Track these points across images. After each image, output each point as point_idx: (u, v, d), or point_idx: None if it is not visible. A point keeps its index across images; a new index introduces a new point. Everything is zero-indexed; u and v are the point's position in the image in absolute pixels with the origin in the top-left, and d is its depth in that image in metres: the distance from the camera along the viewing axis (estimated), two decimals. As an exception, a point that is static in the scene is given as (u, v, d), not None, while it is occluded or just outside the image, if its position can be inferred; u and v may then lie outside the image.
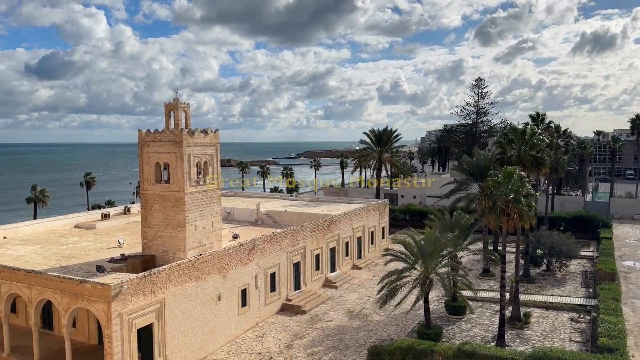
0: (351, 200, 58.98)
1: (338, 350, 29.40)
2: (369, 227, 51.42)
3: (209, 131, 31.71)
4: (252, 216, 47.79)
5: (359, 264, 48.04)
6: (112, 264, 29.28)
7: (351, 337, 31.42)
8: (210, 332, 29.26)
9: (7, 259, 31.08)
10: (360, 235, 49.43)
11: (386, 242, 54.58)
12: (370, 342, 30.03)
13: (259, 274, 33.86)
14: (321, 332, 32.20)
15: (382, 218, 54.97)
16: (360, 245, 49.65)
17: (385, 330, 32.46)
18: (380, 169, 73.36)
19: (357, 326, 33.23)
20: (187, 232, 29.92)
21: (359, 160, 78.10)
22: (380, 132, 73.68)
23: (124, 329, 23.69)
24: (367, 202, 55.50)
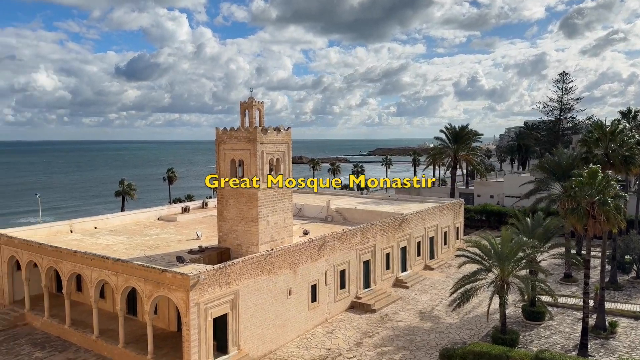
0: (424, 199, 58.06)
1: (408, 351, 29.18)
2: (443, 227, 50.40)
3: (282, 129, 32.50)
4: (322, 213, 48.41)
5: (431, 265, 47.25)
6: (190, 255, 30.84)
7: (422, 338, 31.06)
8: (281, 325, 30.06)
9: (97, 247, 33.65)
10: (432, 235, 48.59)
11: (460, 243, 53.22)
12: (442, 345, 29.55)
13: (328, 271, 34.28)
14: (391, 332, 32.09)
15: (457, 218, 53.66)
16: (432, 245, 48.81)
17: (457, 333, 31.77)
18: (455, 167, 71.51)
19: (429, 328, 32.78)
20: (260, 227, 30.87)
21: (433, 158, 76.56)
22: (456, 129, 71.85)
23: (201, 317, 24.92)
24: (440, 201, 54.40)
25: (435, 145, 75.52)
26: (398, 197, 60.97)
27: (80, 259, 29.95)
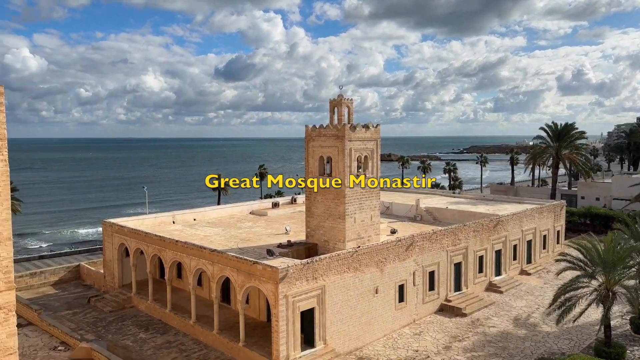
0: (521, 199, 55.12)
1: (500, 358, 27.97)
2: (542, 230, 47.56)
3: (370, 126, 32.42)
4: (411, 212, 47.65)
5: (528, 269, 44.79)
6: (280, 249, 31.78)
7: (516, 346, 29.60)
8: (367, 323, 30.07)
9: (196, 238, 35.74)
10: (530, 239, 46.02)
11: (561, 248, 49.92)
12: (538, 354, 27.99)
13: (417, 271, 33.71)
14: (482, 337, 30.91)
15: (558, 221, 50.36)
16: (530, 249, 46.23)
17: (555, 343, 29.89)
18: (557, 166, 67.24)
19: (523, 335, 31.15)
20: (347, 224, 31.05)
21: (533, 157, 72.49)
22: (559, 127, 67.47)
23: (289, 309, 25.63)
24: (540, 202, 51.36)
25: (536, 144, 71.46)
26: (493, 198, 58.40)
27: (181, 248, 32.01)
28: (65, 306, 37.47)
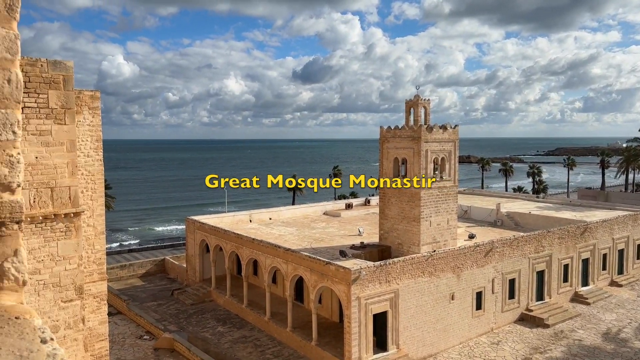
0: (613, 205, 51.27)
1: (586, 375, 26.20)
2: (636, 239, 43.97)
3: (448, 127, 31.55)
4: (491, 216, 45.79)
5: (619, 281, 41.57)
6: (352, 250, 31.75)
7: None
8: (442, 330, 29.30)
9: (271, 237, 36.58)
10: (622, 248, 42.69)
11: (658, 259, 45.88)
12: (629, 373, 25.91)
13: (496, 278, 32.36)
14: (566, 350, 29.12)
15: (654, 229, 46.32)
16: (621, 259, 42.89)
17: (650, 363, 27.53)
18: (654, 170, 61.85)
19: (613, 351, 28.98)
20: (422, 227, 30.42)
21: (627, 160, 67.33)
22: (656, 127, 62.00)
23: (361, 311, 25.53)
24: (634, 209, 47.52)
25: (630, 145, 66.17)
26: (581, 203, 54.78)
27: (257, 246, 32.89)
28: (150, 297, 39.74)
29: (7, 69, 1.74)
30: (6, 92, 1.73)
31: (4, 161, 1.74)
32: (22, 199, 1.81)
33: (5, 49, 1.73)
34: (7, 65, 1.74)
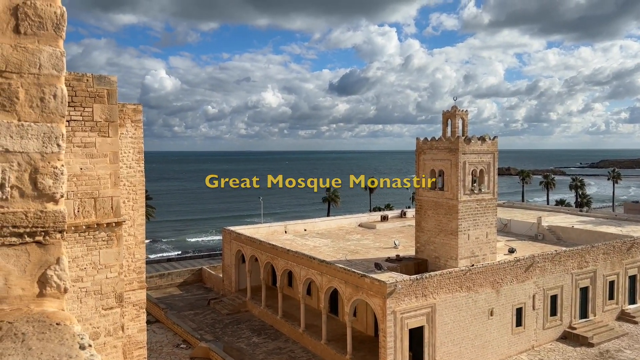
0: (662, 220, 49.00)
1: (634, 398, 24.94)
2: (687, 255, 41.83)
3: (487, 138, 31.00)
4: (531, 230, 44.50)
5: (670, 299, 39.57)
6: (388, 263, 31.42)
7: (653, 385, 26.24)
8: (480, 347, 28.56)
9: (306, 248, 36.61)
10: (673, 265, 40.68)
11: None
12: (681, 398, 24.52)
13: (537, 294, 31.36)
14: (612, 372, 27.85)
15: None
16: (672, 276, 40.85)
17: None
18: None
19: (663, 374, 27.53)
20: (460, 241, 29.86)
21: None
22: None
23: (397, 326, 25.17)
24: (685, 224, 45.28)
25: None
26: (627, 217, 52.61)
27: (292, 257, 32.99)
28: (188, 306, 40.34)
29: (53, 84, 1.82)
30: (52, 106, 1.82)
31: (49, 173, 1.82)
32: (65, 209, 1.88)
33: (52, 65, 1.82)
34: (54, 82, 1.82)
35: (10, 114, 1.74)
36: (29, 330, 1.60)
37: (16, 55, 1.74)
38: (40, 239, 1.81)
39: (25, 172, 1.77)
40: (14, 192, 1.76)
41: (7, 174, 1.73)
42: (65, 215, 1.84)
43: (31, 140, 1.77)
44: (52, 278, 1.83)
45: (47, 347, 1.52)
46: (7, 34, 1.72)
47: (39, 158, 1.79)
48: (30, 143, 1.77)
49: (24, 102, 1.76)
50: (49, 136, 1.81)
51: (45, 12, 1.77)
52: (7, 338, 1.54)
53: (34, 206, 1.79)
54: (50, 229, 1.82)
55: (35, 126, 1.79)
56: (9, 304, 1.76)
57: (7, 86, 1.73)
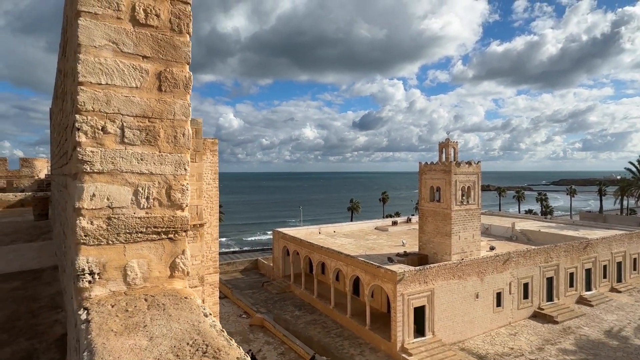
0: (610, 226, 46.64)
1: (593, 365, 23.50)
2: (632, 253, 39.54)
3: (472, 162, 30.33)
4: (507, 232, 43.03)
5: (619, 288, 37.37)
6: (397, 257, 30.83)
7: (607, 354, 24.67)
8: (469, 322, 27.56)
9: (335, 245, 36.32)
10: (620, 260, 38.49)
11: (654, 271, 40.89)
12: (632, 366, 22.96)
13: (512, 282, 30.15)
14: (574, 343, 26.36)
15: (649, 246, 41.46)
16: (620, 269, 38.63)
17: (651, 359, 24.27)
18: (647, 197, 55.80)
19: (615, 346, 25.87)
20: (452, 241, 29.10)
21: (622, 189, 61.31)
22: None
23: (405, 305, 24.58)
24: (630, 229, 42.94)
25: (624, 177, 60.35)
26: (583, 223, 50.28)
27: (325, 252, 32.75)
28: (247, 287, 40.45)
29: (182, 126, 1.91)
30: (181, 142, 1.90)
31: (179, 189, 1.89)
32: (188, 215, 1.94)
33: (182, 113, 1.90)
34: (183, 124, 1.91)
35: (154, 147, 1.82)
36: (167, 302, 1.65)
37: (159, 106, 1.83)
38: (171, 236, 1.87)
39: (162, 188, 1.84)
40: (155, 202, 1.83)
41: (151, 190, 1.81)
42: (189, 219, 1.91)
43: (167, 165, 1.85)
44: (179, 265, 1.88)
45: (182, 314, 1.56)
46: (154, 91, 1.81)
47: (172, 178, 1.86)
48: (167, 168, 1.84)
49: (162, 139, 1.84)
50: (179, 163, 1.88)
51: (178, 76, 1.86)
52: (153, 307, 1.59)
53: (168, 213, 1.86)
54: (179, 229, 1.88)
55: (170, 156, 1.86)
56: (150, 282, 1.82)
57: (152, 128, 1.81)
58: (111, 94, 1.70)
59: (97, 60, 1.67)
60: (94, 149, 1.69)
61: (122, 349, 1.20)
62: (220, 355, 1.18)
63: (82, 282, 1.67)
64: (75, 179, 1.93)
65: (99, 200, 1.70)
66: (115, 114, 1.73)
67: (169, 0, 1.80)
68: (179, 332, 1.36)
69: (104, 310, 1.53)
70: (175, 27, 1.81)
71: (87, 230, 1.68)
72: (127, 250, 1.76)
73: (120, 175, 1.75)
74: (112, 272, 1.73)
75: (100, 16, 1.67)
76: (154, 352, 1.20)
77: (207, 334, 1.39)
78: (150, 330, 1.36)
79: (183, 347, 1.24)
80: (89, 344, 1.25)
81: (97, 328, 1.35)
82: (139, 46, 1.75)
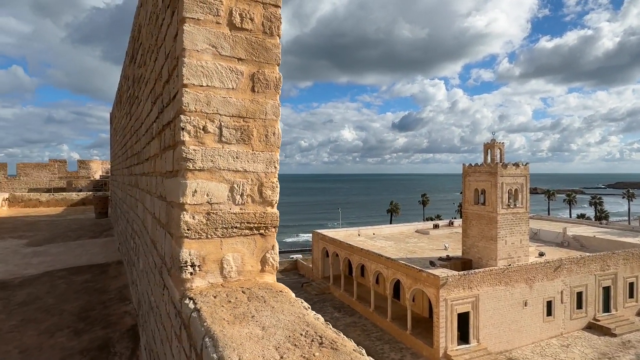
0: (677, 233, 42.81)
1: (658, 384, 21.66)
2: (703, 263, 36.09)
3: (520, 164, 29.01)
4: (558, 238, 40.67)
5: (688, 301, 34.20)
6: (440, 261, 30.05)
7: (676, 374, 22.67)
8: (516, 330, 26.32)
9: (375, 247, 35.93)
10: (689, 271, 35.24)
11: None
12: None
13: (564, 290, 28.47)
14: (635, 359, 24.42)
15: None
16: (689, 281, 35.35)
17: None
18: None
19: (685, 365, 23.72)
20: (499, 245, 27.95)
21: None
22: None
23: (448, 310, 23.90)
24: (699, 237, 39.24)
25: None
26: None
27: (365, 254, 32.52)
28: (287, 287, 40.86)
29: (273, 126, 1.97)
30: (272, 141, 1.96)
31: (269, 186, 1.96)
32: (277, 212, 2.00)
33: (273, 112, 1.97)
34: (273, 124, 1.97)
35: (247, 145, 1.90)
36: (265, 295, 1.70)
37: (252, 106, 1.90)
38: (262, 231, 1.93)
39: (255, 185, 1.91)
40: (248, 199, 1.91)
41: (245, 187, 1.88)
42: (278, 215, 1.97)
43: (259, 163, 1.91)
44: (269, 259, 1.94)
45: (284, 306, 1.61)
46: (247, 92, 1.89)
47: (263, 176, 1.92)
48: (259, 166, 1.91)
49: (255, 138, 1.92)
50: (269, 161, 1.95)
51: (269, 77, 1.92)
52: (253, 299, 1.65)
53: (260, 209, 1.92)
54: (269, 225, 1.94)
55: (262, 154, 1.93)
56: (243, 276, 1.89)
57: (246, 127, 1.89)
58: (211, 95, 1.79)
59: (199, 63, 1.76)
60: (196, 147, 1.78)
61: (241, 337, 1.26)
62: (338, 346, 1.21)
63: (184, 274, 1.76)
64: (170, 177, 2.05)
65: (200, 196, 1.79)
66: (214, 114, 1.82)
67: (262, 4, 1.87)
68: (288, 323, 1.40)
69: (209, 300, 1.61)
70: (267, 30, 1.88)
71: (190, 224, 1.78)
72: (224, 244, 1.84)
73: (218, 172, 1.84)
74: (211, 264, 1.81)
75: (202, 22, 1.77)
76: (271, 340, 1.24)
77: (316, 326, 1.42)
78: (260, 321, 1.41)
79: (298, 337, 1.28)
80: (208, 331, 1.32)
81: (209, 317, 1.43)
82: (235, 49, 1.83)
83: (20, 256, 8.35)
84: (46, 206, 18.33)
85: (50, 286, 6.34)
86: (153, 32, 2.89)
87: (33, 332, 4.60)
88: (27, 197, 18.34)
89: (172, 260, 1.94)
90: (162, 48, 2.33)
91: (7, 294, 6.00)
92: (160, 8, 2.45)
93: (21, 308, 5.39)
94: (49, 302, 5.62)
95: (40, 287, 6.28)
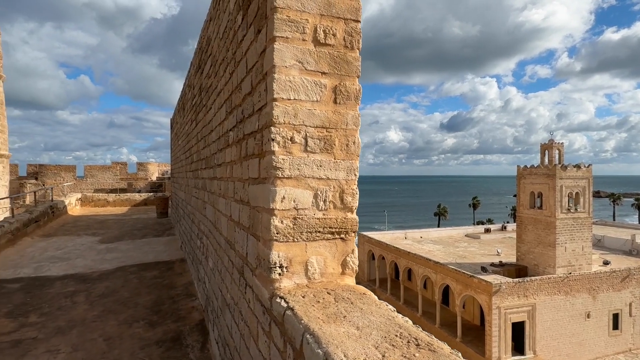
0: None
1: None
2: None
3: (582, 166, 27.12)
4: (625, 245, 37.41)
5: None
6: (492, 267, 28.78)
7: None
8: (578, 344, 24.59)
9: (422, 251, 35.13)
10: None
11: None
12: None
13: (633, 303, 26.18)
14: None
15: None
16: None
17: None
18: None
19: None
20: (557, 252, 26.27)
21: None
22: None
23: (501, 319, 22.86)
24: None
25: None
26: None
27: (412, 258, 31.91)
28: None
29: (353, 135, 2.06)
30: (352, 149, 2.05)
31: (350, 192, 2.05)
32: (357, 217, 2.09)
33: (353, 123, 2.06)
34: (354, 133, 2.07)
35: (330, 154, 2.00)
36: (350, 296, 1.79)
37: (334, 117, 2.01)
38: (343, 236, 2.03)
39: (336, 192, 2.01)
40: (330, 205, 2.01)
41: (328, 193, 1.99)
42: (357, 221, 2.05)
43: (340, 171, 2.01)
44: (349, 263, 2.03)
45: (371, 308, 1.69)
46: (330, 104, 2.00)
47: (344, 183, 2.02)
48: (340, 173, 2.01)
49: (337, 147, 2.02)
50: (350, 169, 2.04)
51: (350, 89, 2.02)
52: (340, 300, 1.75)
53: (341, 215, 2.02)
54: (349, 230, 2.04)
55: (343, 162, 2.03)
56: (325, 278, 2.00)
57: (329, 137, 2.00)
58: (297, 108, 1.92)
59: (287, 78, 1.89)
60: (285, 156, 1.92)
61: (339, 335, 1.35)
62: (435, 348, 1.26)
63: (273, 274, 1.90)
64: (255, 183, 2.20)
65: (288, 202, 1.92)
66: (300, 125, 1.95)
67: (344, 20, 1.97)
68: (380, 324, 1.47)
69: (298, 300, 1.73)
70: (348, 44, 1.98)
71: (279, 228, 1.91)
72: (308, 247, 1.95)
73: (303, 180, 1.96)
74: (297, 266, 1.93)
75: (290, 40, 1.90)
76: (369, 340, 1.32)
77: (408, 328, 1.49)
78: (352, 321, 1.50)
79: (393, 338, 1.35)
80: (307, 328, 1.43)
81: (304, 315, 1.54)
82: (319, 63, 1.94)
83: (96, 252, 9.13)
84: (112, 206, 19.86)
85: (124, 280, 6.89)
86: (229, 46, 3.09)
87: (114, 322, 5.05)
88: (97, 197, 19.97)
89: (257, 260, 2.09)
90: (243, 62, 2.50)
91: (88, 287, 6.61)
92: (240, 25, 2.63)
93: (101, 300, 5.92)
94: (125, 295, 6.12)
95: (115, 281, 6.85)
